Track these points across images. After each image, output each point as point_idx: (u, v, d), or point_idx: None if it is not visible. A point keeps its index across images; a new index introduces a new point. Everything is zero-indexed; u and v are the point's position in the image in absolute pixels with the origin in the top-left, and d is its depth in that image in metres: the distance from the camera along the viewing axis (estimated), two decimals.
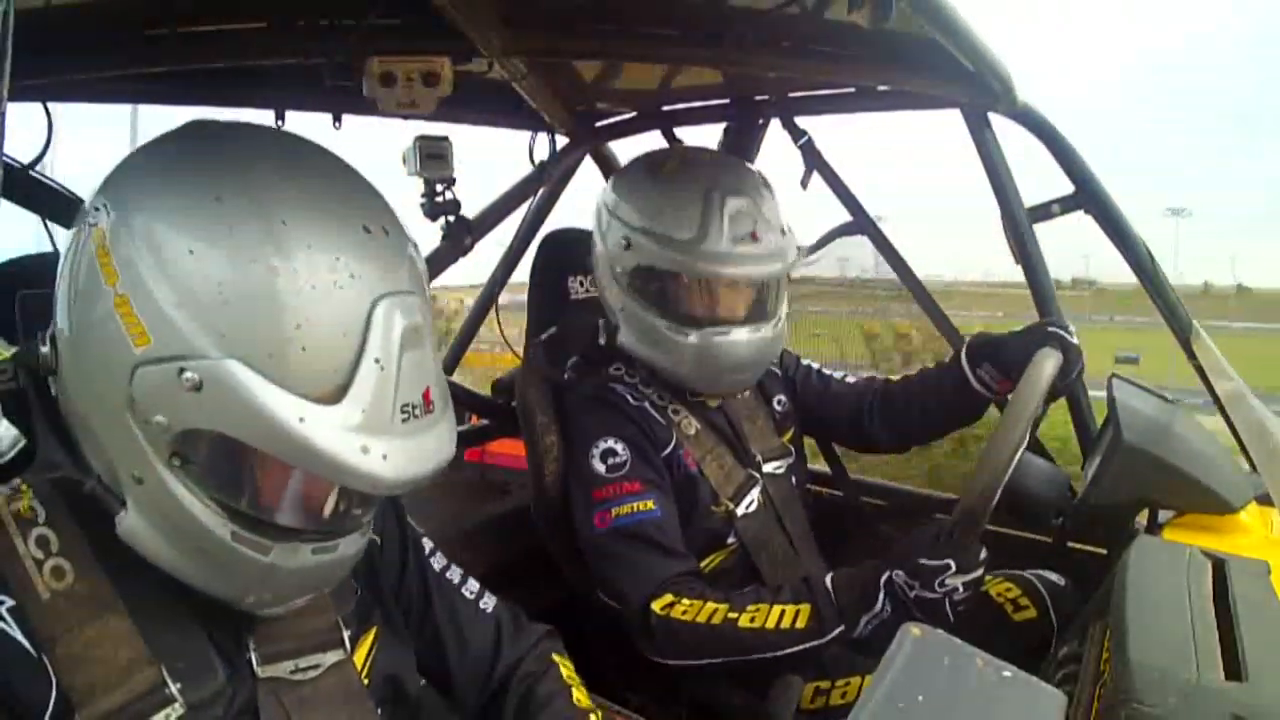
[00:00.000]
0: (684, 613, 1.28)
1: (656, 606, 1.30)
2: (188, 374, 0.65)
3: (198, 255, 0.66)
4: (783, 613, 1.23)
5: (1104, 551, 1.47)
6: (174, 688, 0.73)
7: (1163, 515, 1.35)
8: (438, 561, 1.03)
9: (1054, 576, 1.54)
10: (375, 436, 0.67)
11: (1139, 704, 0.73)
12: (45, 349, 0.73)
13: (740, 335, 1.42)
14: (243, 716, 0.79)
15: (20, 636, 0.70)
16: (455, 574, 1.04)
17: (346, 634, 0.87)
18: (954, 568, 1.16)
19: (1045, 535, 1.62)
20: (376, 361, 0.67)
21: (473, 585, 1.05)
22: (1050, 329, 1.37)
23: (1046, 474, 1.48)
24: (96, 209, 0.71)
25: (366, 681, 0.88)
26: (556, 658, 1.06)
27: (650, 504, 1.37)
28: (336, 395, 0.66)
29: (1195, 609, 0.89)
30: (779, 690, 1.20)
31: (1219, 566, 1.00)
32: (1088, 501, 1.36)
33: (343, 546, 0.78)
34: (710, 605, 1.27)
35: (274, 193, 0.69)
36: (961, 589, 1.16)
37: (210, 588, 0.75)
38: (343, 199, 0.74)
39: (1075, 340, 1.36)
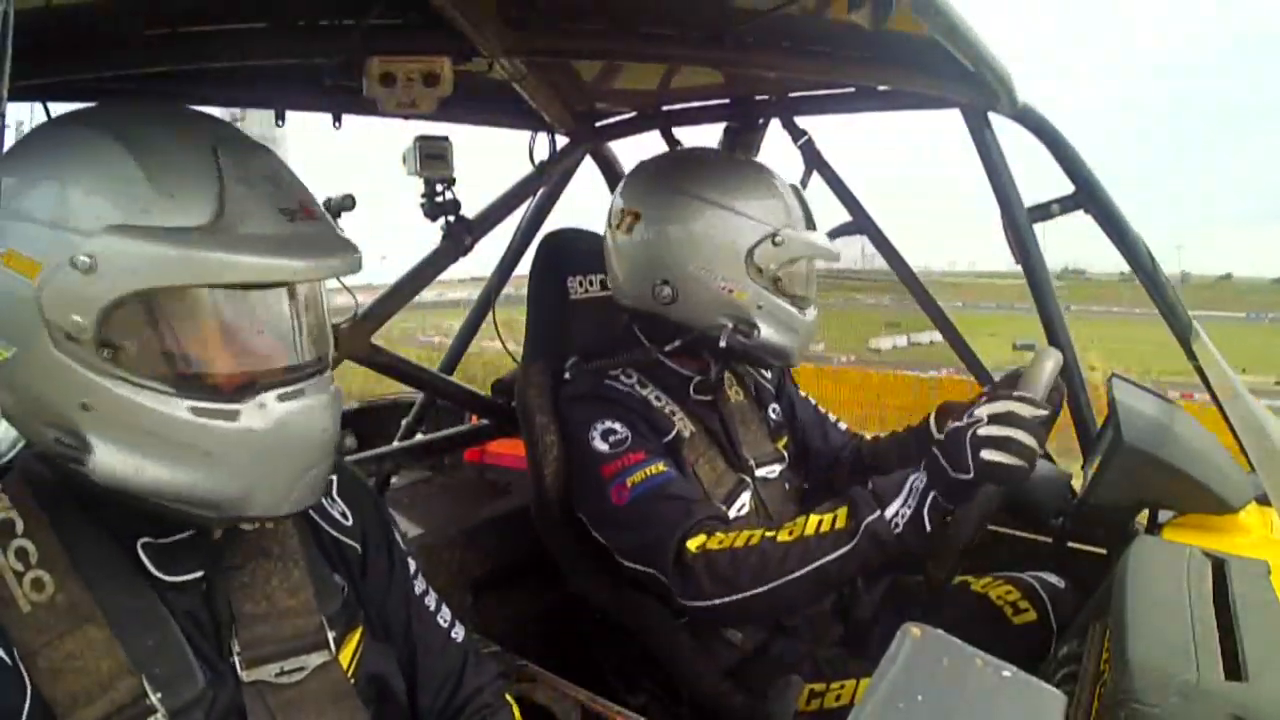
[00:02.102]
0: (720, 543, 1.25)
1: (692, 546, 1.26)
2: (80, 259, 0.69)
3: (52, 176, 0.71)
4: (820, 520, 1.21)
5: (1104, 552, 1.47)
6: (154, 698, 0.74)
7: (1163, 515, 1.35)
8: (419, 585, 1.04)
9: (1053, 579, 1.53)
10: (266, 234, 0.73)
11: (1139, 704, 0.74)
12: None
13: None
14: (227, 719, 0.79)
15: None
16: (432, 600, 1.04)
17: (331, 635, 0.86)
18: (985, 398, 1.17)
19: (1045, 536, 1.62)
20: (241, 181, 0.74)
21: (446, 613, 1.05)
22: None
23: (1046, 474, 1.48)
24: None
25: (353, 681, 0.88)
26: (509, 698, 1.07)
27: (661, 467, 1.37)
28: (217, 216, 0.72)
29: (1195, 609, 0.89)
30: (778, 691, 1.20)
31: (1219, 566, 1.00)
32: (1088, 502, 1.36)
33: (309, 392, 0.78)
34: (747, 532, 1.26)
35: (106, 114, 0.78)
36: (986, 419, 1.12)
37: (207, 493, 0.74)
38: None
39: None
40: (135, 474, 0.72)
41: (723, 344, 1.46)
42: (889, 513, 1.16)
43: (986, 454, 1.10)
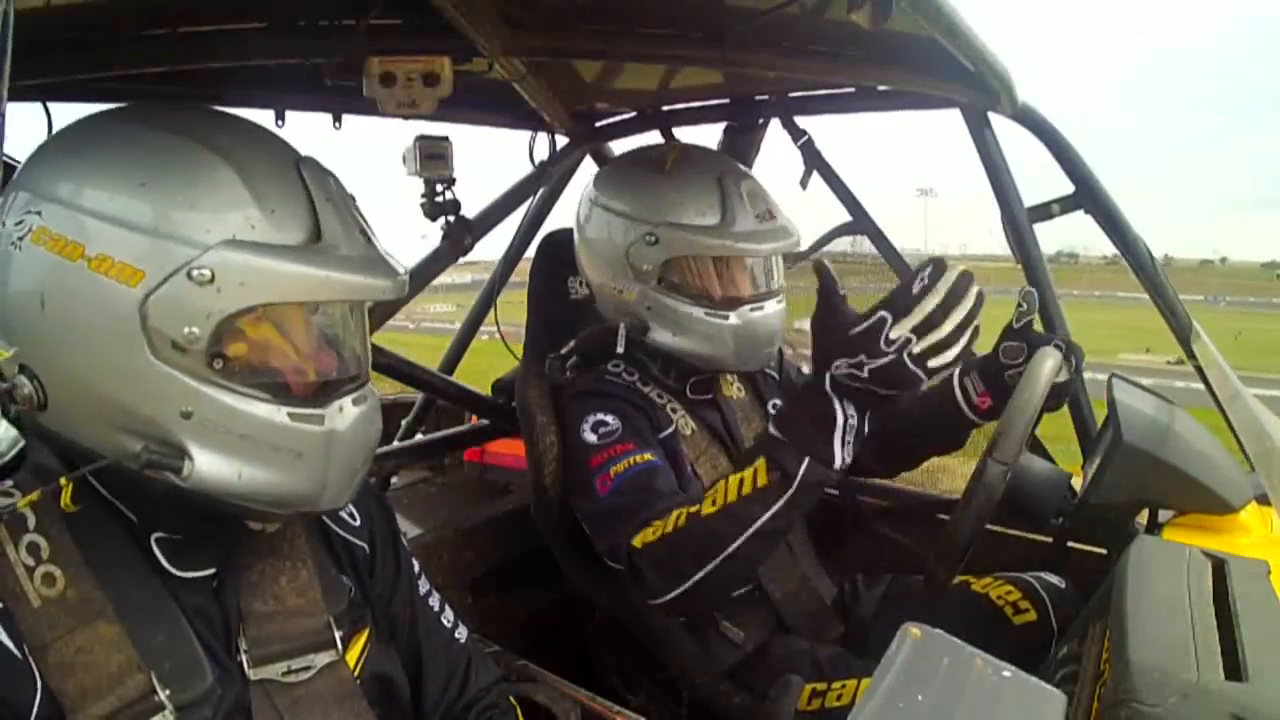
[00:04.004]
0: (656, 532, 1.22)
1: (637, 543, 1.23)
2: (197, 272, 0.70)
3: (149, 184, 0.72)
4: (740, 480, 1.15)
5: (1104, 552, 1.47)
6: (163, 695, 0.74)
7: (1163, 515, 1.35)
8: (423, 586, 1.05)
9: (1054, 579, 1.53)
10: (353, 253, 0.77)
11: (1139, 704, 0.73)
12: (27, 386, 0.73)
13: (771, 308, 1.47)
14: (234, 718, 0.79)
15: (6, 639, 0.71)
16: (435, 601, 1.05)
17: (338, 635, 0.87)
18: (890, 318, 1.05)
19: (1045, 536, 1.62)
20: (328, 201, 0.77)
21: (449, 614, 1.06)
22: (1034, 331, 1.35)
23: (1046, 474, 1.47)
24: (18, 223, 0.72)
25: (358, 681, 0.88)
26: (513, 701, 1.08)
27: (648, 455, 1.34)
28: (315, 236, 0.75)
29: (1195, 609, 0.89)
30: (778, 691, 1.20)
31: (1219, 566, 1.00)
32: (1088, 501, 1.36)
33: (369, 395, 0.83)
34: (675, 512, 1.22)
35: (173, 116, 0.79)
36: (915, 338, 1.03)
37: (291, 491, 0.77)
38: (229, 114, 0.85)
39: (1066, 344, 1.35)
40: (237, 479, 0.74)
41: (619, 348, 1.46)
42: (835, 455, 1.10)
43: (935, 363, 1.04)
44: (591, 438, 1.39)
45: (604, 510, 1.34)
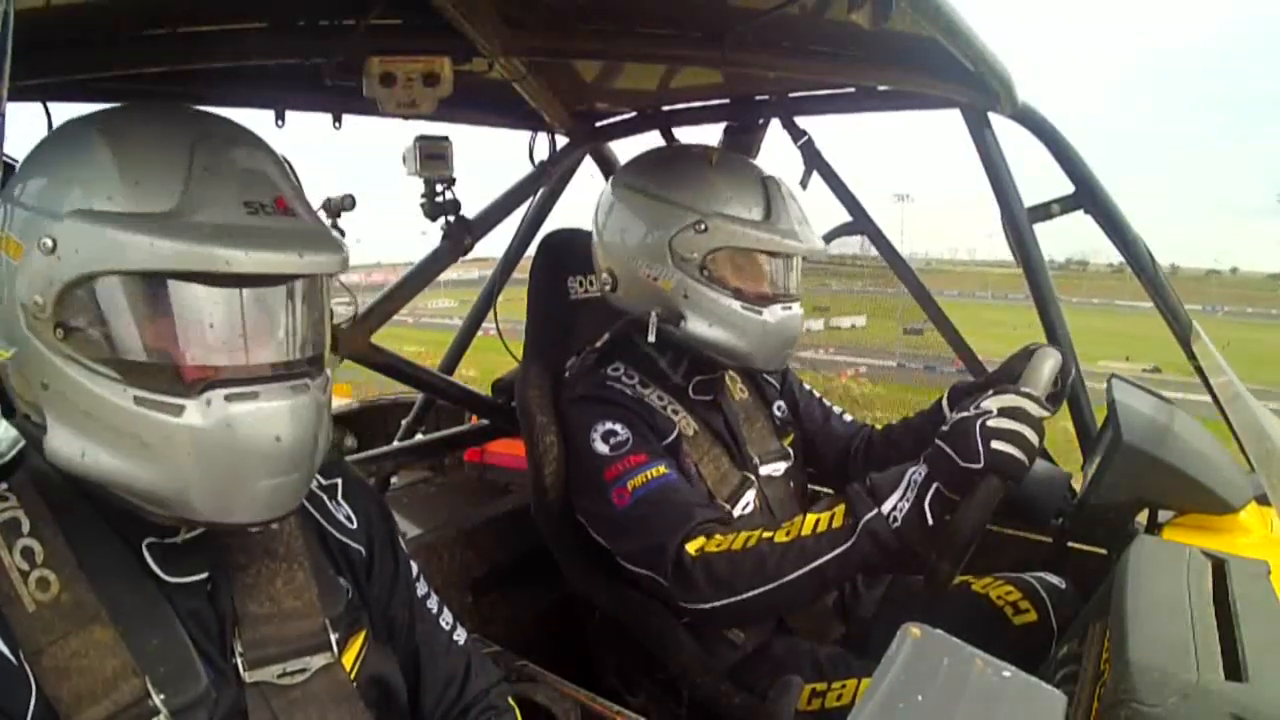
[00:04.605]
0: (719, 545, 1.25)
1: (691, 548, 1.26)
2: (43, 240, 0.71)
3: (43, 169, 0.75)
4: (817, 520, 1.20)
5: (1104, 552, 1.47)
6: (158, 699, 0.74)
7: (1163, 515, 1.35)
8: (421, 588, 1.04)
9: (1054, 579, 1.53)
10: (215, 224, 0.71)
11: (1139, 704, 0.73)
12: None
13: (797, 309, 1.50)
14: None
15: (1, 644, 0.71)
16: (434, 603, 1.05)
17: (334, 637, 0.87)
18: (993, 392, 1.17)
19: (1045, 536, 1.62)
20: (205, 170, 0.73)
21: (448, 616, 1.05)
22: (1032, 348, 1.37)
23: (1046, 474, 1.47)
24: None
25: (355, 683, 0.88)
26: (512, 702, 1.08)
27: (663, 469, 1.36)
28: (181, 206, 0.72)
29: (1195, 609, 0.89)
30: (778, 691, 1.20)
31: (1219, 566, 1.00)
32: (1088, 502, 1.36)
33: (267, 396, 0.74)
34: (745, 533, 1.25)
35: (115, 112, 0.80)
36: (996, 411, 1.12)
37: (149, 487, 0.73)
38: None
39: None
40: (80, 457, 0.73)
41: (650, 337, 1.46)
42: (886, 508, 1.14)
43: (997, 445, 1.09)
44: (603, 448, 1.39)
45: (624, 519, 1.36)
